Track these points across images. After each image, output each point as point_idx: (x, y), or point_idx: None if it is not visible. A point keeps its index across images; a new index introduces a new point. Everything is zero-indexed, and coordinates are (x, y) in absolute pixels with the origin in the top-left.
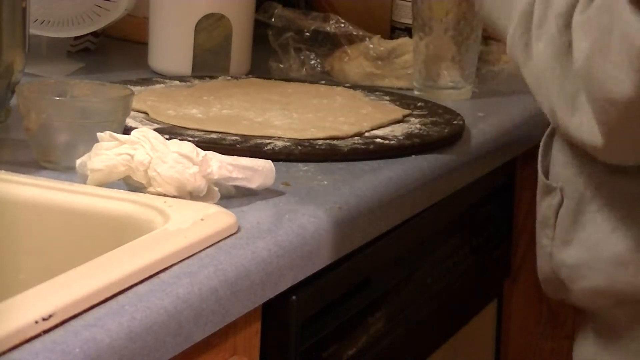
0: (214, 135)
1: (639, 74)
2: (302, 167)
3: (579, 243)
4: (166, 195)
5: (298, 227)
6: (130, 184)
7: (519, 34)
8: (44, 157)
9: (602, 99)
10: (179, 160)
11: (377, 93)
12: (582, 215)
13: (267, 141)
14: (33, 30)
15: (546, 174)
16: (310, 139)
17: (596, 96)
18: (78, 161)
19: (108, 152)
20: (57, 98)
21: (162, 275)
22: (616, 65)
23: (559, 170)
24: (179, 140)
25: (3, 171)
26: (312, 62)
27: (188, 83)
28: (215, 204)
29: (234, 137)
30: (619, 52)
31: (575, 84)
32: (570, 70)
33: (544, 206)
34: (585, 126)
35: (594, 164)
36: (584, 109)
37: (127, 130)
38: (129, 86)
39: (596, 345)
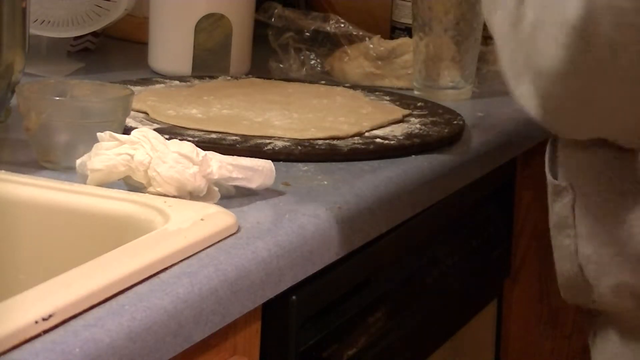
0: (214, 135)
1: (566, 50)
2: (302, 167)
3: (602, 237)
4: (166, 195)
5: (298, 227)
6: (130, 184)
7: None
8: (44, 157)
9: (535, 71)
10: (179, 160)
11: (377, 93)
12: (599, 208)
13: (267, 141)
14: (33, 30)
15: (555, 178)
16: (310, 139)
17: (531, 67)
18: (78, 161)
19: (108, 152)
20: (57, 98)
21: (162, 275)
22: (548, 37)
23: (566, 167)
24: (179, 140)
25: (3, 171)
26: (312, 62)
27: (188, 83)
28: (215, 204)
29: (234, 137)
30: (552, 25)
31: (522, 54)
32: (518, 40)
33: (558, 207)
34: (526, 96)
35: (599, 154)
36: (526, 79)
37: (127, 130)
38: (129, 86)
39: (620, 347)
